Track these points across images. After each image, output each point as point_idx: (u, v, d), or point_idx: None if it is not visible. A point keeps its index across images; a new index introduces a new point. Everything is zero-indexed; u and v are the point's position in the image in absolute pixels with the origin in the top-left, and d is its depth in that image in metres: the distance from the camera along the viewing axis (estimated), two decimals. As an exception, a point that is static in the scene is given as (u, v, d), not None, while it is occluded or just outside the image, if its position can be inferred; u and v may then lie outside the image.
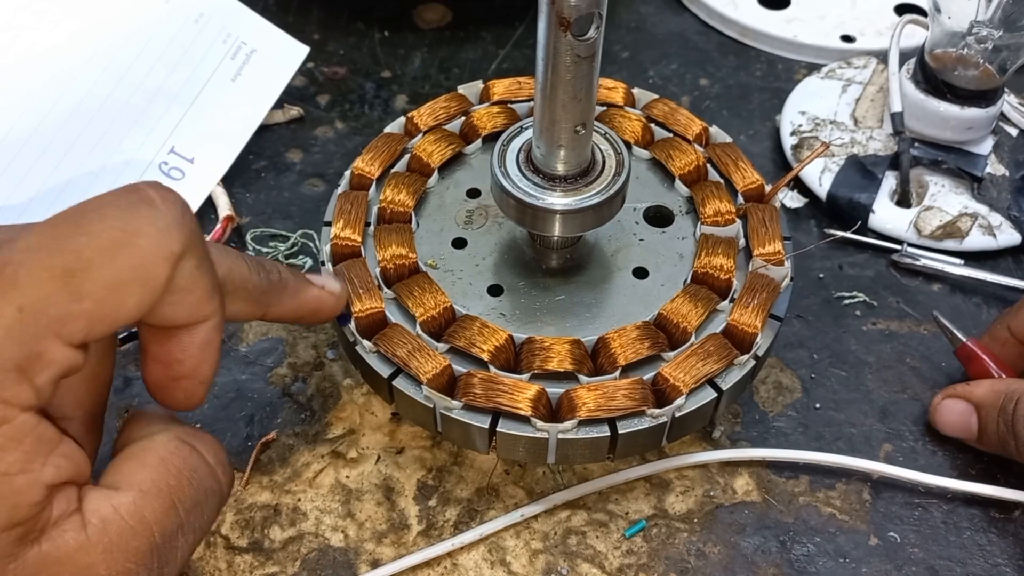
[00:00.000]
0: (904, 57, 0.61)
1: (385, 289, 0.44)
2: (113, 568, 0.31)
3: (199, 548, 0.45)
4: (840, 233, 0.56)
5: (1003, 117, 0.61)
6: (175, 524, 0.33)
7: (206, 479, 0.35)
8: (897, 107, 0.59)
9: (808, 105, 0.64)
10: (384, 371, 0.42)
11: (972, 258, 0.57)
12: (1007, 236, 0.57)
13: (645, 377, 0.42)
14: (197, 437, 0.35)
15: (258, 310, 0.37)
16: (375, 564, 0.44)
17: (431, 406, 0.41)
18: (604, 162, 0.43)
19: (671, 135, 0.51)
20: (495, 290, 0.45)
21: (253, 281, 0.36)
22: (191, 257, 0.31)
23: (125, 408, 0.50)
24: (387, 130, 0.52)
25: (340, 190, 0.49)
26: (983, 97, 0.57)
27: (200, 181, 0.59)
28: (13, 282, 0.28)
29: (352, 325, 0.43)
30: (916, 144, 0.59)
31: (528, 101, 0.52)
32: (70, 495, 0.31)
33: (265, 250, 0.56)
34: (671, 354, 0.42)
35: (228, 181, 0.60)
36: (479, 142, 0.51)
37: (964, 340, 0.50)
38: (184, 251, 0.31)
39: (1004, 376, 0.48)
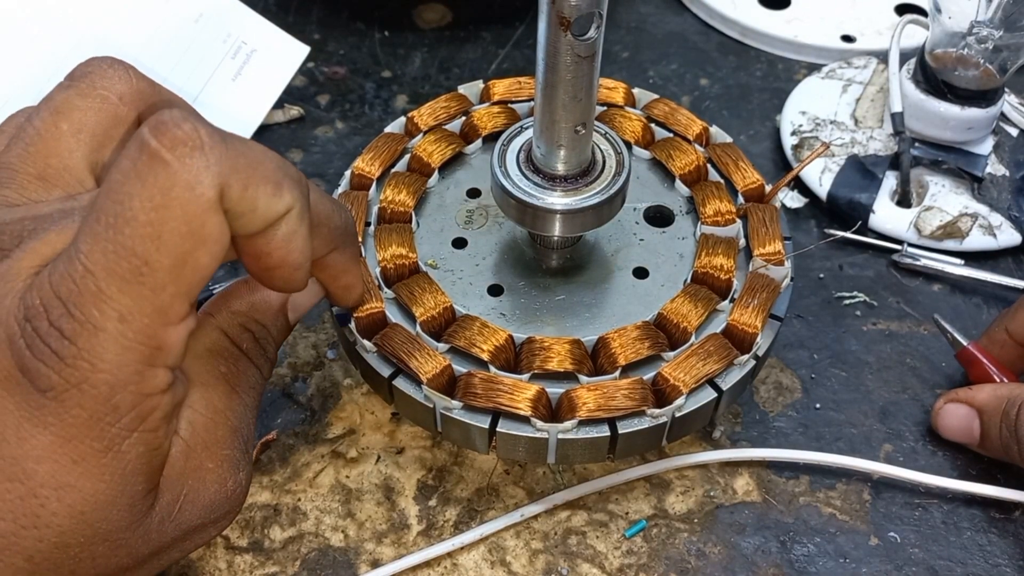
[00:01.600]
0: (904, 57, 0.61)
1: (385, 289, 0.44)
2: (216, 458, 0.35)
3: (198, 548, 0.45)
4: (840, 233, 0.56)
5: (1003, 117, 0.61)
6: (240, 405, 0.36)
7: (243, 363, 0.37)
8: (897, 107, 0.59)
9: (808, 105, 0.64)
10: (384, 371, 0.42)
11: (972, 258, 0.57)
12: (1007, 236, 0.57)
13: (645, 377, 0.42)
14: (238, 332, 0.38)
15: (325, 250, 0.37)
16: (375, 564, 0.44)
17: (431, 406, 0.41)
18: (604, 162, 0.43)
19: (671, 135, 0.51)
20: (495, 290, 0.45)
21: (335, 220, 0.36)
22: (235, 183, 0.30)
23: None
24: (387, 130, 0.52)
25: (340, 190, 0.49)
26: (983, 97, 0.57)
27: (200, 181, 0.59)
28: (99, 296, 0.28)
29: (352, 325, 0.43)
30: (916, 144, 0.59)
31: (528, 101, 0.52)
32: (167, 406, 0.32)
33: (265, 250, 0.56)
34: (671, 354, 0.42)
35: (228, 181, 0.60)
36: (479, 142, 0.51)
37: (965, 344, 0.50)
38: (222, 185, 0.29)
39: (1006, 380, 0.48)
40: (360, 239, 0.46)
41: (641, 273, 0.46)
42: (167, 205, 0.28)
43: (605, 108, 0.52)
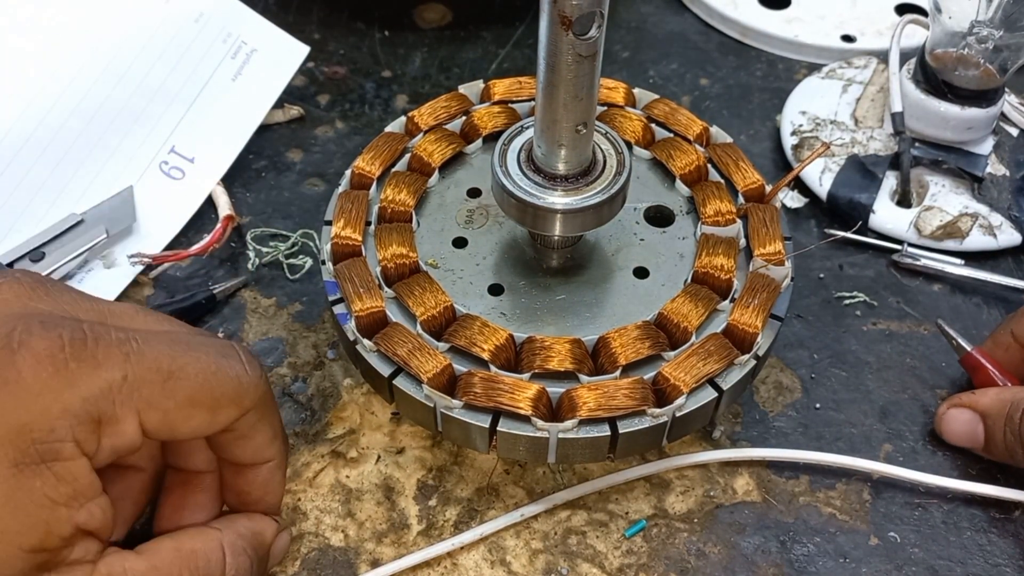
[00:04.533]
0: (905, 57, 0.61)
1: (386, 288, 0.44)
2: None
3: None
4: (840, 233, 0.56)
5: (1003, 117, 0.61)
6: None
7: None
8: (898, 107, 0.59)
9: (808, 105, 0.64)
10: (384, 370, 0.42)
11: (972, 258, 0.57)
12: (1007, 236, 0.57)
13: (645, 377, 0.42)
14: (236, 553, 0.39)
15: (274, 453, 0.41)
16: (375, 564, 0.44)
17: (431, 405, 0.41)
18: (605, 162, 0.43)
19: (672, 135, 0.51)
20: (495, 289, 0.45)
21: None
22: (257, 412, 0.38)
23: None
24: (388, 129, 0.52)
25: (341, 189, 0.49)
26: (983, 97, 0.57)
27: (200, 180, 0.59)
28: (127, 357, 0.34)
29: (352, 324, 0.43)
30: (916, 144, 0.59)
31: (529, 101, 0.52)
32: (90, 546, 0.35)
33: (265, 249, 0.56)
34: (671, 354, 0.42)
35: (228, 180, 0.60)
36: (480, 142, 0.51)
37: (969, 349, 0.49)
38: (252, 406, 0.38)
39: (1009, 385, 0.48)
40: (360, 239, 0.46)
41: (642, 273, 0.46)
42: (225, 377, 0.38)
43: (606, 108, 0.52)
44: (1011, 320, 0.49)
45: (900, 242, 0.57)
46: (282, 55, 0.63)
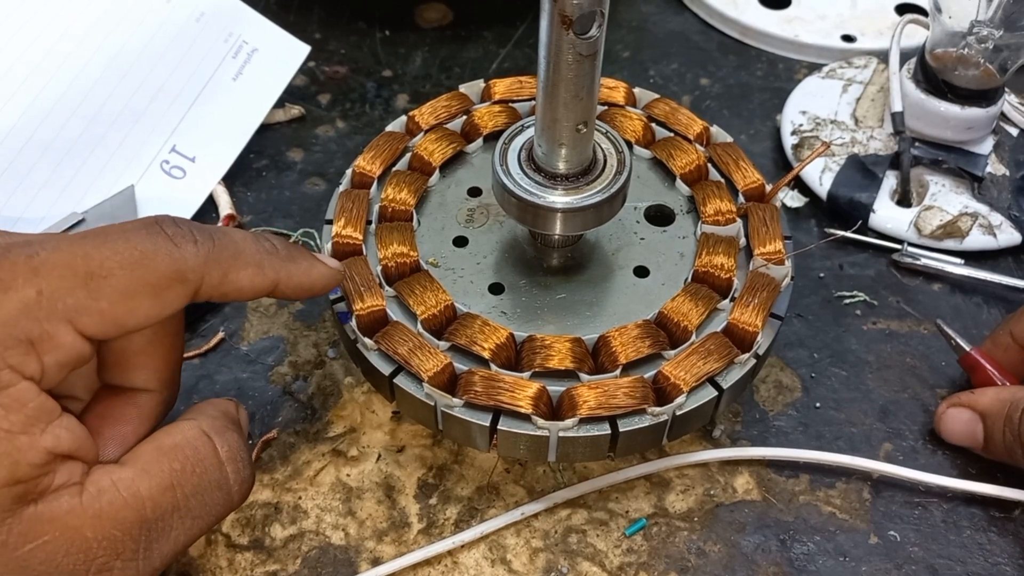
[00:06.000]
0: (905, 57, 0.61)
1: (386, 287, 0.44)
2: (99, 532, 0.33)
3: (199, 546, 0.45)
4: (840, 232, 0.57)
5: (1003, 117, 0.61)
6: (169, 504, 0.35)
7: (212, 470, 0.36)
8: (898, 107, 0.59)
9: (809, 105, 0.64)
10: (385, 369, 0.42)
11: (972, 258, 0.57)
12: (1007, 236, 0.57)
13: (646, 375, 0.42)
14: (220, 432, 0.37)
15: (266, 280, 0.38)
16: (376, 562, 0.44)
17: (432, 404, 0.41)
18: (605, 161, 0.43)
19: (672, 134, 0.51)
20: (496, 288, 0.45)
21: (251, 248, 0.38)
22: (219, 268, 0.36)
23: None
24: (388, 129, 0.52)
25: (341, 188, 0.49)
26: (983, 97, 0.57)
27: (201, 180, 0.59)
28: (36, 271, 0.32)
29: (353, 323, 0.43)
30: (916, 144, 0.59)
31: (529, 100, 0.52)
32: (74, 469, 0.33)
33: (266, 249, 0.56)
34: (672, 353, 0.42)
35: (229, 180, 0.60)
36: (480, 141, 0.51)
37: (968, 349, 0.49)
38: (203, 272, 0.35)
39: (1008, 384, 0.48)
40: (361, 238, 0.46)
41: (642, 272, 0.46)
42: (155, 255, 0.35)
43: (606, 107, 0.52)
44: (1010, 320, 0.49)
45: (900, 241, 0.58)
46: (283, 55, 0.63)
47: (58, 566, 0.33)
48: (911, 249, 0.57)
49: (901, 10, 0.74)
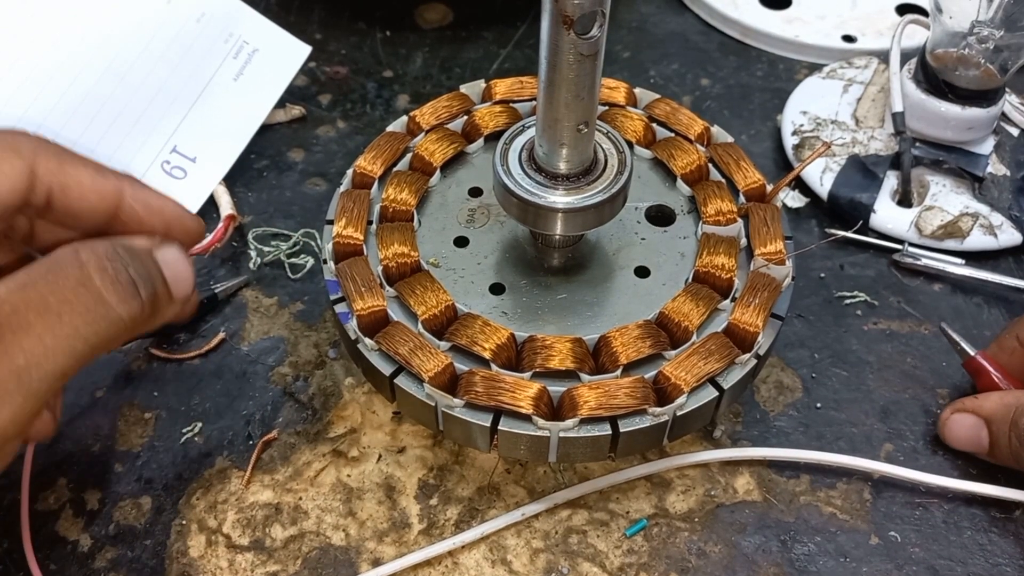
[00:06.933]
0: (905, 57, 0.61)
1: (387, 287, 0.44)
2: None
3: (200, 546, 0.45)
4: (841, 233, 0.57)
5: (1004, 117, 0.61)
6: (21, 301, 0.33)
7: (71, 269, 0.35)
8: (898, 107, 0.59)
9: (809, 105, 0.64)
10: (386, 369, 0.42)
11: (973, 258, 0.57)
12: (1008, 236, 0.57)
13: (646, 376, 0.42)
14: (88, 245, 0.36)
15: (108, 182, 0.38)
16: (376, 563, 0.44)
17: (433, 404, 0.41)
18: (606, 161, 0.43)
19: (673, 135, 0.51)
20: (497, 288, 0.45)
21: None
22: (52, 153, 0.37)
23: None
24: (389, 129, 0.52)
25: (342, 188, 0.49)
26: (984, 97, 0.57)
27: (202, 180, 0.59)
28: None
29: (354, 323, 0.43)
30: (917, 144, 0.59)
31: (530, 100, 0.52)
32: None
33: (267, 249, 0.56)
34: (672, 353, 0.42)
35: (230, 180, 0.60)
36: (481, 141, 0.51)
37: (972, 354, 0.49)
38: (34, 150, 0.37)
39: (1013, 389, 0.48)
40: (362, 238, 0.46)
41: (643, 272, 0.46)
42: None
43: (607, 108, 0.52)
44: (1016, 324, 0.49)
45: (901, 242, 0.57)
46: (284, 55, 0.63)
47: None
48: (912, 249, 0.57)
49: (902, 10, 0.74)
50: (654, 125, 0.51)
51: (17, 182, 0.36)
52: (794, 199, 0.61)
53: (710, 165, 0.49)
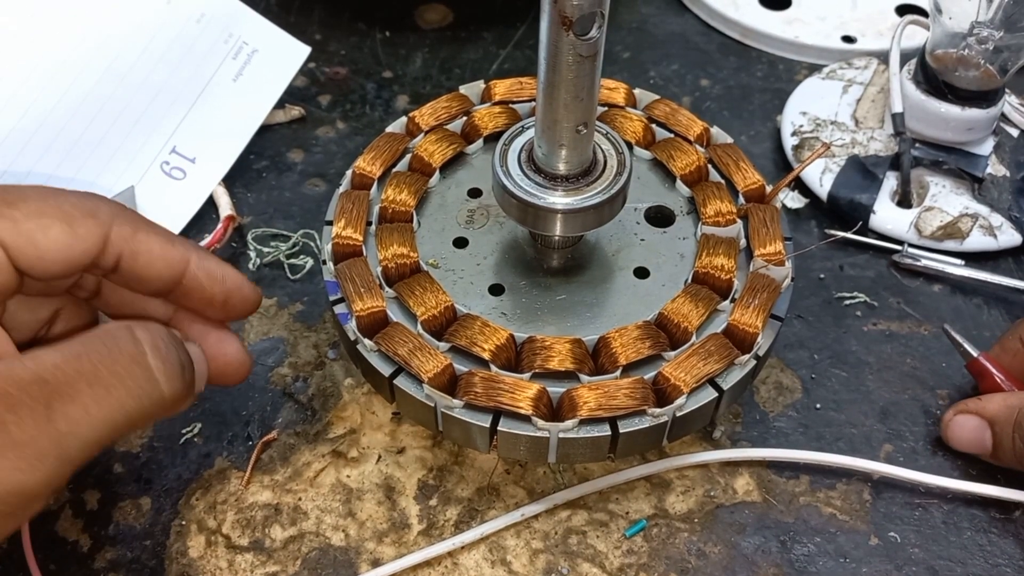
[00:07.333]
0: (905, 58, 0.61)
1: (386, 288, 0.44)
2: None
3: (200, 547, 0.45)
4: (841, 234, 0.57)
5: (1004, 118, 0.61)
6: (74, 370, 0.34)
7: (126, 344, 0.35)
8: (898, 108, 0.59)
9: (809, 106, 0.64)
10: (385, 370, 0.42)
11: (973, 259, 0.57)
12: (1008, 237, 0.57)
13: (646, 376, 0.42)
14: (141, 324, 0.36)
15: (176, 252, 0.40)
16: (376, 563, 0.44)
17: (432, 405, 0.41)
18: (605, 162, 0.43)
19: (672, 135, 0.51)
20: (496, 289, 0.45)
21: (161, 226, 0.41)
22: (127, 220, 0.39)
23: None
24: (388, 130, 0.52)
25: (342, 189, 0.49)
26: (984, 98, 0.57)
27: (202, 181, 0.59)
28: None
29: (353, 324, 0.43)
30: (917, 145, 0.59)
31: (529, 101, 0.52)
32: None
33: (266, 249, 0.57)
34: (672, 354, 0.42)
35: (229, 181, 0.60)
36: (480, 142, 0.51)
37: (975, 355, 0.49)
38: (112, 216, 0.38)
39: (1016, 390, 0.48)
40: (361, 239, 0.46)
41: (642, 273, 0.46)
42: None
43: (606, 108, 0.52)
44: (1019, 326, 0.49)
45: (900, 243, 0.58)
46: (283, 56, 0.63)
47: None
48: (911, 250, 0.57)
49: (901, 11, 0.74)
50: (653, 126, 0.51)
51: (91, 245, 0.37)
52: (794, 200, 0.61)
53: (709, 166, 0.49)
